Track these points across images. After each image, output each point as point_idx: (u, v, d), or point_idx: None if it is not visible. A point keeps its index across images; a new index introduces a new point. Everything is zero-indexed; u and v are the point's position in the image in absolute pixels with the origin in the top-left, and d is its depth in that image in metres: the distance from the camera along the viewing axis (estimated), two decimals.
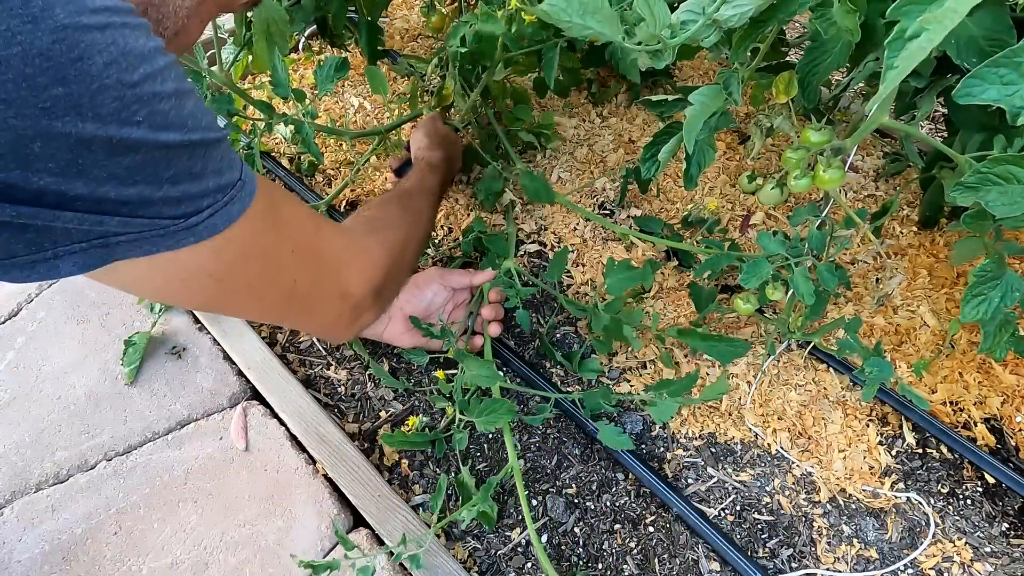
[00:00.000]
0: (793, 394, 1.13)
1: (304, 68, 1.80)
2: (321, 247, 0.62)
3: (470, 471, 1.06)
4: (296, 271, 0.59)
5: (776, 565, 0.97)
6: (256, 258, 0.54)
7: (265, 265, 0.55)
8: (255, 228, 0.52)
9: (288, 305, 0.61)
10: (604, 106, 1.67)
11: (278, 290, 0.58)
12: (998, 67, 0.55)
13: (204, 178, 0.46)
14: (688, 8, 0.76)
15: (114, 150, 0.39)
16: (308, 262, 0.60)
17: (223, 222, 0.48)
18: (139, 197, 0.42)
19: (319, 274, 0.62)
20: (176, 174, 0.44)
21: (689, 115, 0.87)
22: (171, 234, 0.45)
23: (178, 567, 0.95)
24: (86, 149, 0.38)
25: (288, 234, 0.57)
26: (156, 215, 0.44)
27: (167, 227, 0.45)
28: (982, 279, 0.83)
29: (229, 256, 0.51)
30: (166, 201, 0.44)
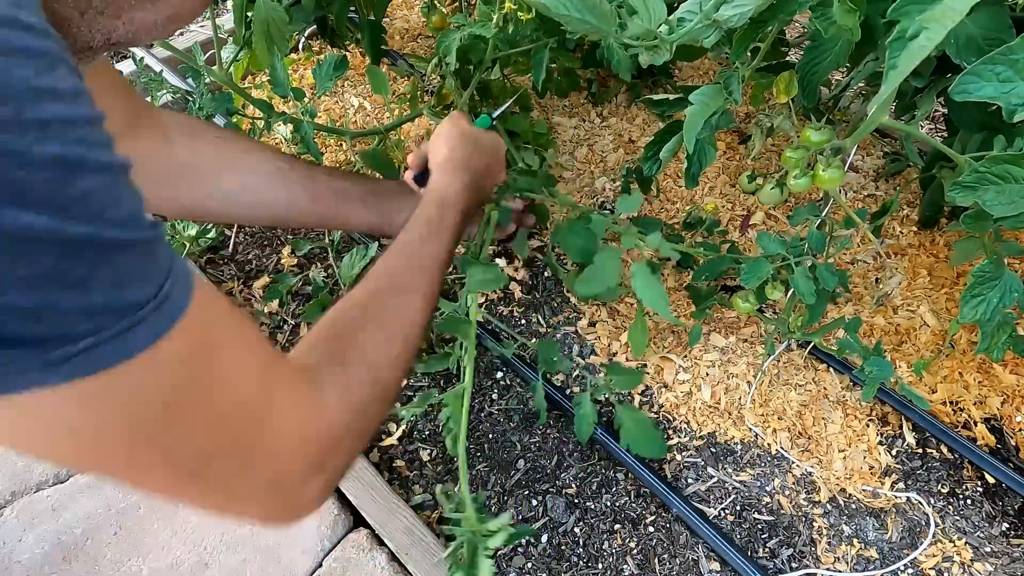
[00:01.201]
0: (793, 394, 1.13)
1: (304, 68, 1.81)
2: (265, 417, 0.41)
3: (472, 469, 1.06)
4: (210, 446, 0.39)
5: (776, 565, 0.97)
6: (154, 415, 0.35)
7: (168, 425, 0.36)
8: (160, 375, 0.34)
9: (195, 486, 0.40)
10: (604, 106, 1.67)
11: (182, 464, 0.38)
12: (995, 64, 0.55)
13: (87, 289, 0.30)
14: (687, 7, 0.76)
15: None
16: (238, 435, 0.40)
17: (107, 359, 0.31)
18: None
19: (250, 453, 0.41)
20: (35, 276, 0.28)
21: (690, 114, 0.87)
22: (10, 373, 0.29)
23: (178, 567, 0.95)
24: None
25: (213, 392, 0.38)
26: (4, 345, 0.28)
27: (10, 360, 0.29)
28: (981, 280, 0.83)
29: (111, 407, 0.33)
30: (12, 312, 0.28)
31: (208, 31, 1.92)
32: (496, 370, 1.20)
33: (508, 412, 1.14)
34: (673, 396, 1.14)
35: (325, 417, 0.47)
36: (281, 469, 0.43)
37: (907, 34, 0.52)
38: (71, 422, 0.33)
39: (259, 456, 0.42)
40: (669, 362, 1.18)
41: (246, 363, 0.41)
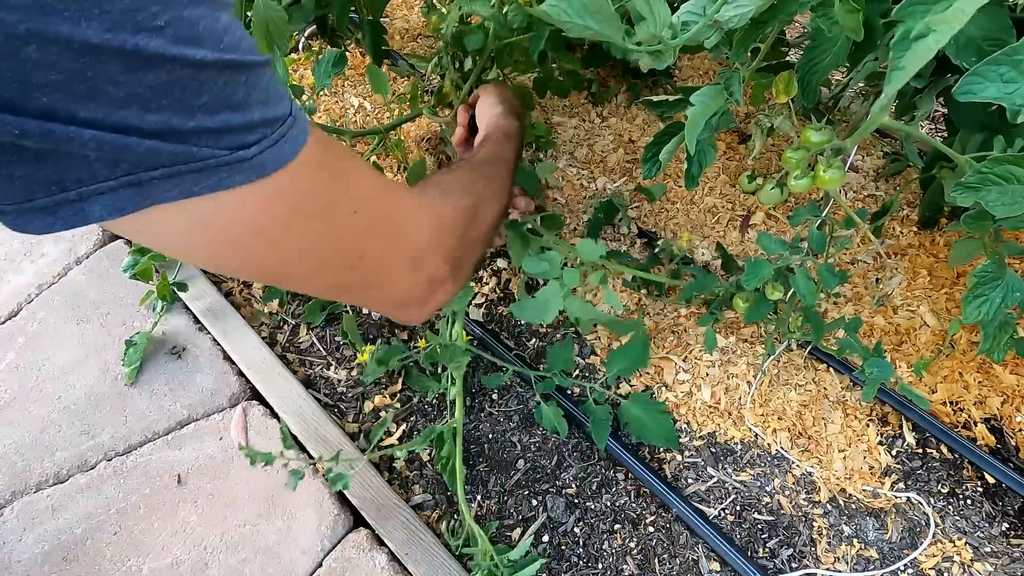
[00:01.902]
0: (793, 394, 1.13)
1: (304, 68, 1.80)
2: (389, 208, 0.52)
3: (472, 470, 1.06)
4: (362, 234, 0.49)
5: (776, 565, 0.97)
6: (314, 215, 0.44)
7: (325, 224, 0.46)
8: (311, 177, 0.43)
9: (353, 275, 0.51)
10: (604, 106, 1.67)
11: (341, 257, 0.48)
12: (998, 65, 0.55)
13: (248, 109, 0.38)
14: (689, 8, 0.76)
15: (130, 64, 0.32)
16: (375, 224, 0.50)
17: (273, 162, 0.40)
18: (167, 126, 0.35)
19: (389, 239, 0.51)
20: (212, 101, 0.36)
21: (691, 115, 0.87)
22: (211, 169, 0.37)
23: (178, 567, 0.95)
24: (94, 59, 0.31)
25: (351, 189, 0.47)
26: (189, 143, 0.36)
27: (207, 160, 0.37)
28: (983, 280, 0.83)
29: (282, 209, 0.42)
30: (201, 132, 0.36)
31: None
32: (496, 370, 1.20)
33: (508, 412, 1.14)
34: (673, 396, 1.14)
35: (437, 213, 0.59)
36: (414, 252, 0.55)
37: (911, 35, 0.52)
38: (257, 223, 0.42)
39: (396, 239, 0.52)
40: (669, 362, 1.18)
41: (366, 168, 0.51)
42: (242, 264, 0.45)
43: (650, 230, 1.39)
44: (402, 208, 0.54)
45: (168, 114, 0.35)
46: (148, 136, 0.35)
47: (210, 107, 0.36)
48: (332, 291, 0.53)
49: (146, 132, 0.34)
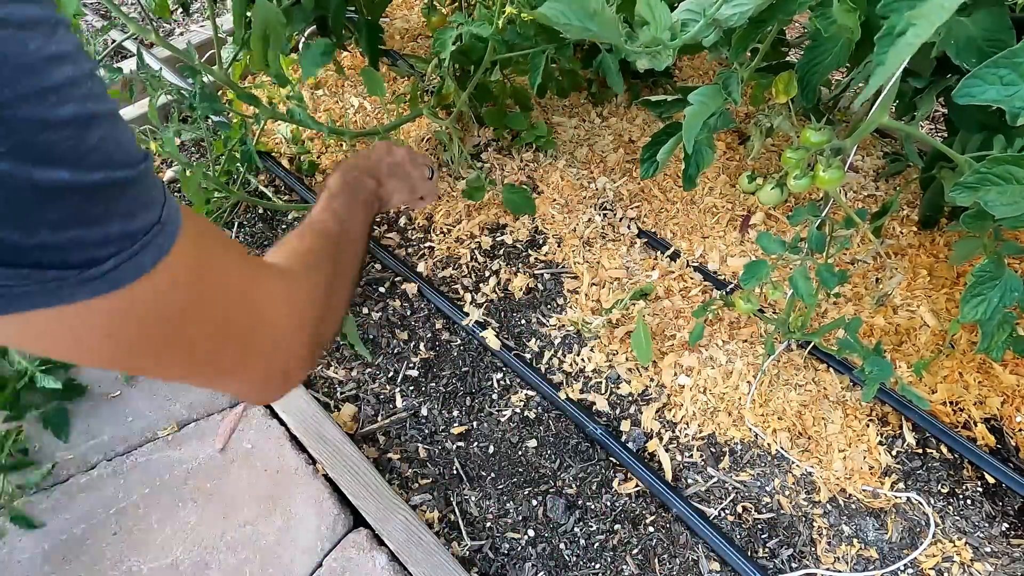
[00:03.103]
0: (793, 394, 1.13)
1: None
2: (252, 298, 0.50)
3: (471, 470, 1.06)
4: (221, 332, 0.47)
5: (776, 565, 0.97)
6: (172, 317, 0.42)
7: (183, 325, 0.44)
8: (171, 282, 0.41)
9: (210, 367, 0.49)
10: (604, 106, 1.67)
11: (198, 354, 0.46)
12: (998, 67, 0.55)
13: (106, 223, 0.35)
14: (688, 8, 0.76)
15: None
16: (236, 318, 0.48)
17: (131, 274, 0.37)
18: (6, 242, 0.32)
19: (250, 330, 0.50)
20: (61, 219, 0.33)
21: (688, 115, 0.87)
22: (51, 290, 0.35)
23: (178, 567, 0.95)
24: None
25: (216, 287, 0.46)
26: (32, 264, 0.34)
27: (47, 282, 0.34)
28: (981, 279, 0.83)
29: (137, 314, 0.40)
30: (45, 249, 0.33)
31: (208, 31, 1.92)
32: (496, 370, 1.20)
33: (508, 412, 1.14)
34: (673, 396, 1.14)
35: (303, 293, 0.58)
36: (275, 341, 0.53)
37: (895, 31, 0.51)
38: (107, 327, 0.40)
39: (257, 334, 0.51)
40: (669, 362, 1.18)
41: (234, 261, 0.49)
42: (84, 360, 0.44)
43: (650, 230, 1.39)
44: (264, 295, 0.52)
45: (7, 231, 0.32)
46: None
47: (59, 224, 0.34)
48: (189, 380, 0.51)
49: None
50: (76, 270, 0.35)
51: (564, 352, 1.21)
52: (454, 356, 1.22)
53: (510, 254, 1.37)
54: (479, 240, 1.39)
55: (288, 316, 0.54)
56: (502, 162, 1.52)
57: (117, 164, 0.35)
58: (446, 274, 1.34)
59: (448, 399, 1.16)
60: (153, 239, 0.38)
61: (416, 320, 1.27)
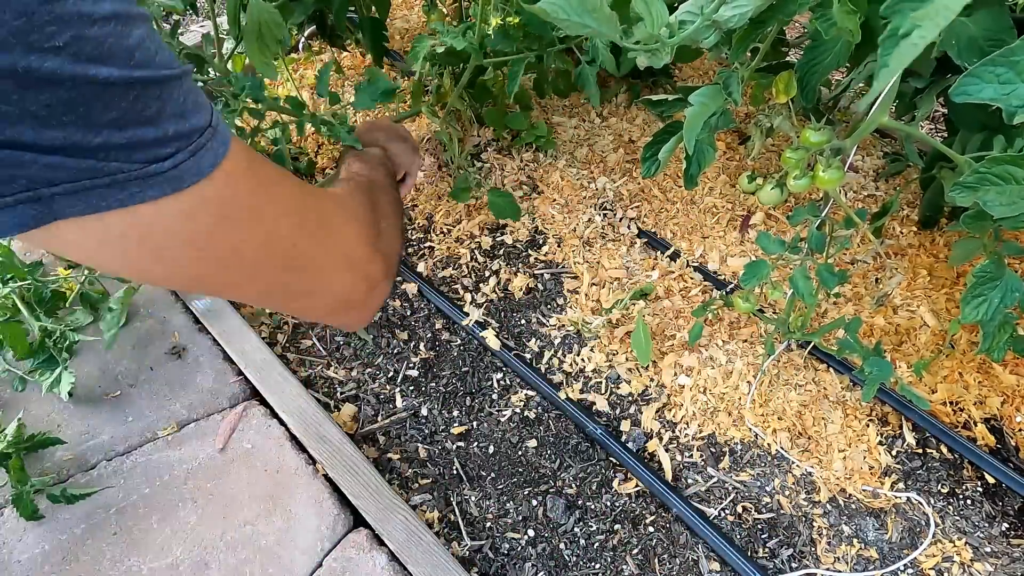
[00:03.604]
0: (793, 394, 1.13)
1: (304, 68, 1.81)
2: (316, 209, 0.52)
3: (471, 470, 1.06)
4: (293, 237, 0.48)
5: (776, 565, 0.97)
6: (242, 221, 0.44)
7: (254, 230, 0.45)
8: (235, 185, 0.42)
9: (289, 280, 0.50)
10: (604, 106, 1.67)
11: (274, 261, 0.48)
12: (995, 66, 0.55)
13: (160, 123, 0.37)
14: (687, 8, 0.76)
15: (23, 82, 0.31)
16: (305, 226, 0.49)
17: (191, 175, 0.39)
18: (69, 142, 0.34)
19: (321, 240, 0.51)
20: (119, 117, 0.35)
21: (689, 115, 0.87)
22: (121, 183, 0.36)
23: (178, 567, 0.95)
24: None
25: (275, 194, 0.47)
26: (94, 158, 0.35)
27: (115, 175, 0.36)
28: (982, 280, 0.83)
29: (207, 218, 0.41)
30: (109, 148, 0.35)
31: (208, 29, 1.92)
32: (496, 370, 1.20)
33: (508, 412, 1.14)
34: (673, 396, 1.14)
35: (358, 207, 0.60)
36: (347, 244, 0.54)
37: (899, 32, 0.51)
38: (182, 233, 0.41)
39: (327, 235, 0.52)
40: (669, 362, 1.18)
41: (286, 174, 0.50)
42: (168, 274, 0.44)
43: (650, 230, 1.39)
44: (321, 206, 0.53)
45: (71, 130, 0.34)
46: (47, 152, 0.34)
47: (119, 122, 0.35)
48: (268, 298, 0.52)
49: (45, 148, 0.34)
50: (139, 166, 0.36)
51: (564, 352, 1.21)
52: (454, 356, 1.22)
53: (510, 254, 1.37)
54: (479, 240, 1.39)
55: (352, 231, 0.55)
56: (502, 162, 1.52)
57: (160, 64, 0.37)
58: (446, 274, 1.34)
59: (448, 399, 1.16)
60: (208, 142, 0.40)
61: (416, 320, 1.28)
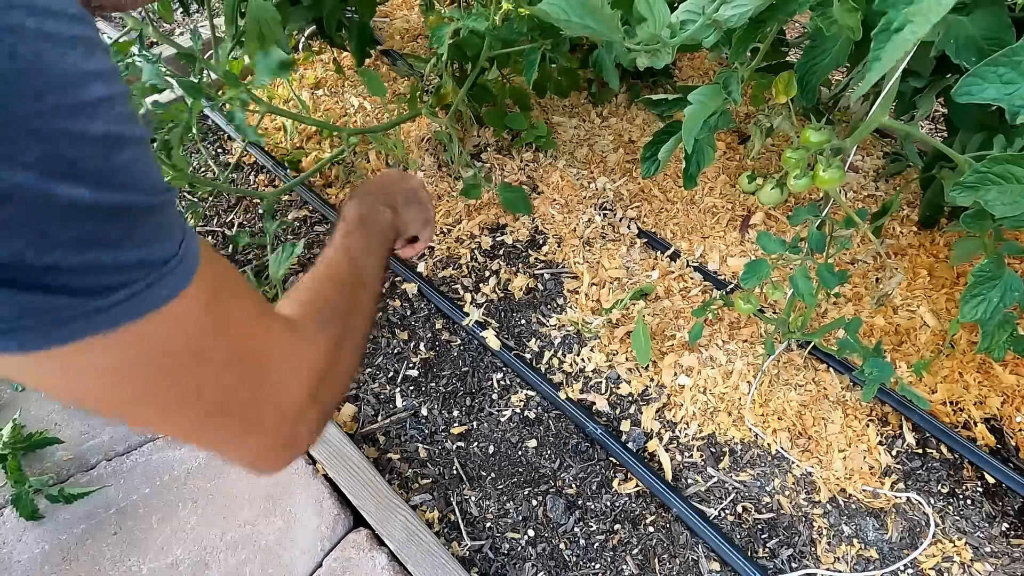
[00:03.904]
0: (793, 394, 1.13)
1: (304, 68, 1.81)
2: (266, 354, 0.47)
3: (471, 470, 1.06)
4: (229, 382, 0.44)
5: (776, 565, 0.97)
6: (180, 359, 0.40)
7: (190, 370, 0.41)
8: (185, 322, 0.39)
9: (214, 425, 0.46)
10: (604, 106, 1.67)
11: (203, 405, 0.43)
12: (997, 66, 0.54)
13: (123, 248, 0.34)
14: (688, 8, 0.76)
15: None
16: (246, 371, 0.45)
17: (142, 309, 0.35)
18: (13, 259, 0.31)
19: (258, 388, 0.47)
20: (79, 238, 0.32)
21: (688, 114, 0.87)
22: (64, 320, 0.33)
23: (178, 567, 0.95)
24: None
25: (229, 335, 0.43)
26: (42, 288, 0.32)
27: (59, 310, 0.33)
28: (981, 279, 0.83)
29: (139, 355, 0.37)
30: (59, 270, 0.32)
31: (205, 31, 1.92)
32: (496, 370, 1.20)
33: (508, 412, 1.14)
34: (673, 396, 1.14)
35: (313, 353, 0.54)
36: (284, 399, 0.49)
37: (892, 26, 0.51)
38: (112, 366, 0.37)
39: (266, 388, 0.47)
40: (669, 362, 1.18)
41: (249, 309, 0.46)
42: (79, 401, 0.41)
43: (650, 230, 1.39)
44: (275, 350, 0.49)
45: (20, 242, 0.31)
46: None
47: (75, 243, 0.32)
48: (192, 437, 0.47)
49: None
50: (86, 297, 0.33)
51: (564, 352, 1.21)
52: (454, 356, 1.22)
53: (510, 254, 1.37)
54: (479, 240, 1.39)
55: (296, 374, 0.50)
56: (502, 162, 1.52)
57: (140, 189, 0.35)
58: (446, 274, 1.34)
59: (448, 399, 1.16)
60: (169, 273, 0.37)
61: (416, 320, 1.27)
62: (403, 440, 1.11)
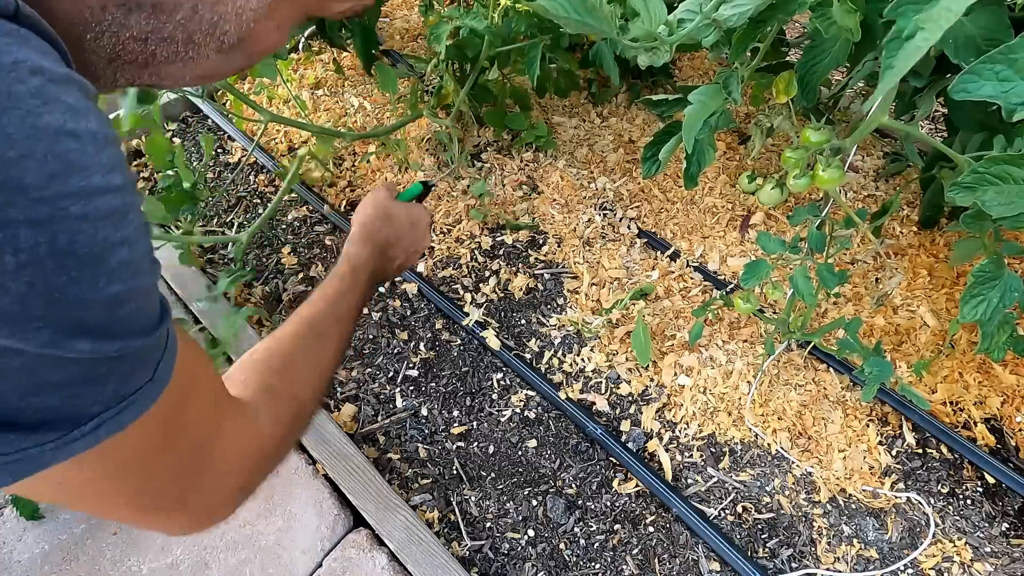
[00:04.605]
0: (793, 394, 1.13)
1: (304, 68, 1.81)
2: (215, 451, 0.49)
3: (471, 470, 1.06)
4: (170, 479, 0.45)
5: (776, 565, 0.97)
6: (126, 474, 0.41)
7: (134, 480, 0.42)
8: (143, 437, 0.39)
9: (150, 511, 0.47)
10: (604, 106, 1.67)
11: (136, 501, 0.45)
12: (994, 63, 0.54)
13: (104, 383, 0.35)
14: (687, 7, 0.76)
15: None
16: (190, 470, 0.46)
17: (105, 434, 0.36)
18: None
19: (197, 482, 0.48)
20: (65, 380, 0.33)
21: (689, 114, 0.87)
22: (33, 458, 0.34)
23: (178, 567, 0.95)
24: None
25: (183, 441, 0.44)
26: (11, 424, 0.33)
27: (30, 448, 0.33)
28: (981, 279, 0.83)
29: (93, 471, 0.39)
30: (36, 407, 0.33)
31: None
32: (496, 370, 1.20)
33: (508, 412, 1.14)
34: (673, 396, 1.14)
35: (260, 442, 0.55)
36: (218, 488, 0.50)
37: (904, 34, 0.52)
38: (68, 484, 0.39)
39: (205, 479, 0.48)
40: (669, 362, 1.18)
41: (207, 407, 0.47)
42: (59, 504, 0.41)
43: (650, 230, 1.39)
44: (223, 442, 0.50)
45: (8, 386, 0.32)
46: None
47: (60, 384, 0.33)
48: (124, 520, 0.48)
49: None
50: (59, 432, 0.34)
51: (564, 352, 1.21)
52: (454, 356, 1.22)
53: (510, 254, 1.37)
54: (479, 240, 1.39)
55: (239, 463, 0.52)
56: (502, 162, 1.53)
57: (137, 333, 0.35)
58: (446, 274, 1.34)
59: (448, 399, 1.16)
60: (139, 398, 0.37)
61: (416, 320, 1.28)
62: (403, 440, 1.12)
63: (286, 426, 0.59)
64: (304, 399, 0.64)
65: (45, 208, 0.29)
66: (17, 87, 0.28)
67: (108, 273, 0.32)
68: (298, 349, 0.67)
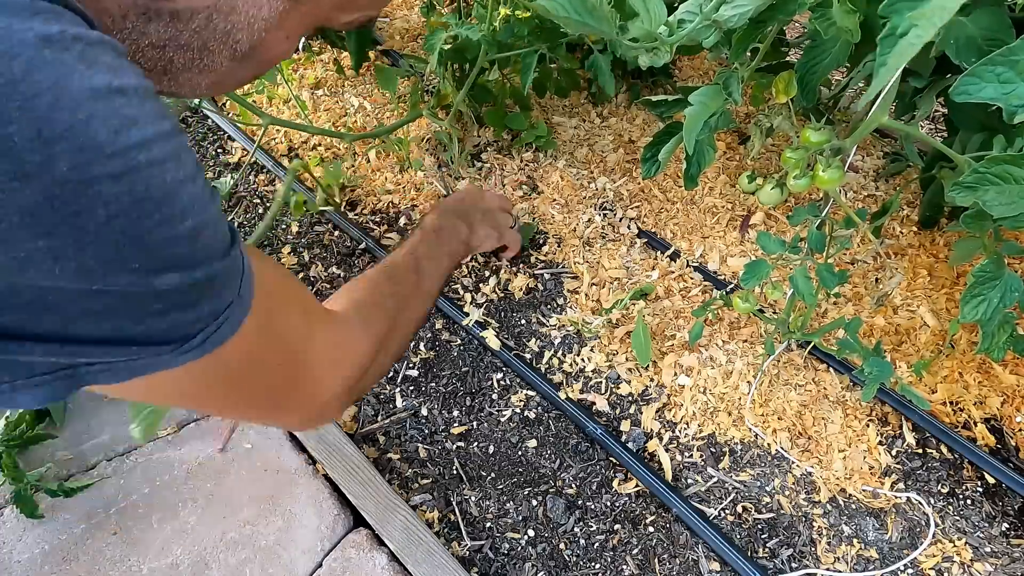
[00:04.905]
0: (793, 394, 1.13)
1: (304, 68, 1.81)
2: (310, 354, 0.55)
3: (471, 470, 1.06)
4: (275, 381, 0.53)
5: (776, 565, 0.97)
6: (237, 378, 0.48)
7: (244, 383, 0.49)
8: (243, 347, 0.45)
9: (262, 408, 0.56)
10: (604, 106, 1.67)
11: (255, 398, 0.53)
12: (995, 65, 0.55)
13: (199, 305, 0.40)
14: (687, 8, 0.76)
15: (94, 294, 0.34)
16: (291, 372, 0.53)
17: (210, 347, 0.42)
18: (115, 332, 0.37)
19: (299, 382, 0.55)
20: (166, 307, 0.38)
21: (689, 115, 0.87)
22: (147, 364, 0.39)
23: (178, 567, 0.95)
24: (59, 293, 0.33)
25: (278, 347, 0.51)
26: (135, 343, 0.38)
27: (144, 357, 0.39)
28: (981, 279, 0.83)
29: (207, 379, 0.45)
30: (149, 333, 0.38)
31: None
32: (496, 370, 1.20)
33: (508, 412, 1.14)
34: (673, 396, 1.14)
35: (353, 347, 0.62)
36: (319, 388, 0.58)
37: (897, 31, 0.52)
38: (185, 389, 0.46)
39: (307, 384, 0.56)
40: (669, 362, 1.18)
41: (296, 316, 0.54)
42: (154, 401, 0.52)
43: (650, 230, 1.39)
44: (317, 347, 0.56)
45: (122, 320, 0.36)
46: (95, 343, 0.37)
47: (163, 312, 0.38)
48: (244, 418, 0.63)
49: (94, 339, 0.36)
50: (173, 345, 0.40)
51: (564, 352, 1.21)
52: (454, 356, 1.22)
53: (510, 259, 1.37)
54: None
55: (334, 365, 0.59)
56: (502, 162, 1.53)
57: (215, 257, 0.39)
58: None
59: (448, 399, 1.16)
60: (232, 314, 0.43)
61: None
62: (403, 440, 1.12)
63: (378, 337, 0.66)
64: (394, 316, 0.72)
65: (119, 161, 0.32)
66: (65, 55, 0.31)
67: (182, 210, 0.36)
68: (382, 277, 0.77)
